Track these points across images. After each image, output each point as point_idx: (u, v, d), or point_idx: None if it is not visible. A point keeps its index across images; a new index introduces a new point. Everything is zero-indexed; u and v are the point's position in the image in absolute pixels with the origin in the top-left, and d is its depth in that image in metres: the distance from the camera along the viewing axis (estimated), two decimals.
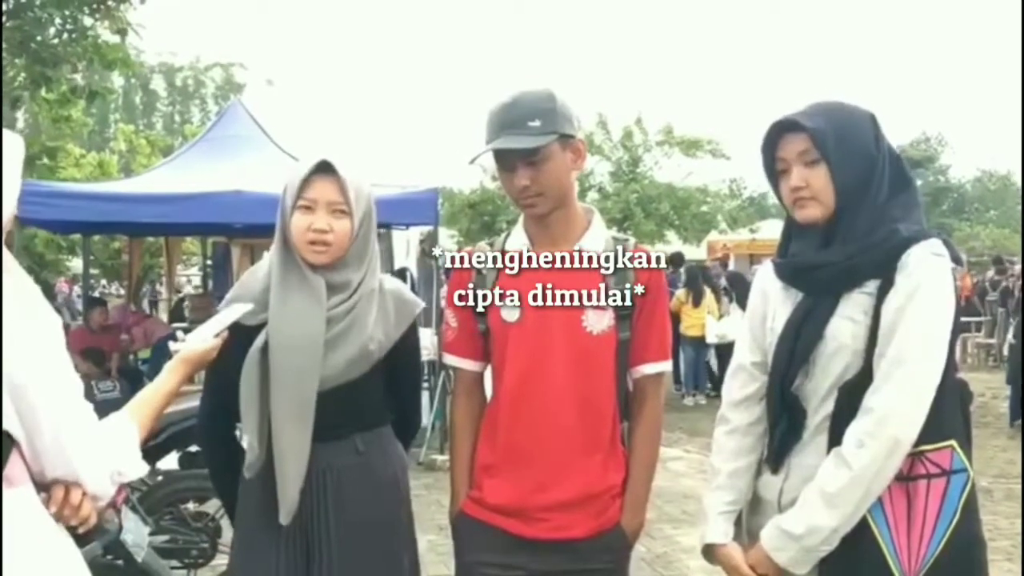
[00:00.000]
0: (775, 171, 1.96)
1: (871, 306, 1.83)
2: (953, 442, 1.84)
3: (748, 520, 2.03)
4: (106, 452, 1.65)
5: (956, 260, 1.86)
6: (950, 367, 1.83)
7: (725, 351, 10.26)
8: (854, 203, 1.86)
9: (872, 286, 1.83)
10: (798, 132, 1.88)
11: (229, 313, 2.13)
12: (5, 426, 1.49)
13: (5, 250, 1.54)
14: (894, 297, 1.80)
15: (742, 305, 9.68)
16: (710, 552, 2.02)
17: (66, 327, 1.75)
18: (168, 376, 2.01)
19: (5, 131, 1.60)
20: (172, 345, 2.09)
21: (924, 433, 1.78)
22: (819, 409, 1.89)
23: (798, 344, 1.89)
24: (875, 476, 1.77)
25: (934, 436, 1.81)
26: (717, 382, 11.13)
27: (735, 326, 10.19)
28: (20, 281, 1.55)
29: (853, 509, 1.78)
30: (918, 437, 1.78)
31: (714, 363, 11.16)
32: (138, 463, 1.76)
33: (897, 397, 1.77)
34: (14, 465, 1.53)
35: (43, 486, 1.60)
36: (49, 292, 17.51)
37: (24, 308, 1.52)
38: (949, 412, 1.84)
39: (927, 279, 1.79)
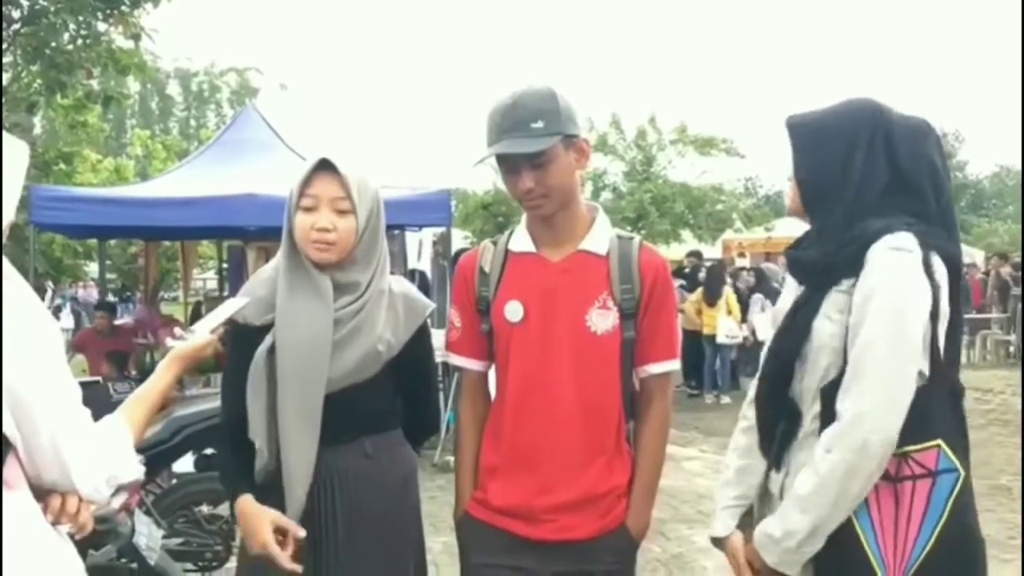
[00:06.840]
0: None
1: (847, 304, 1.80)
2: (940, 442, 1.79)
3: (758, 512, 2.03)
4: (101, 457, 1.64)
5: (948, 254, 1.81)
6: (937, 364, 1.79)
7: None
8: (819, 202, 1.91)
9: (847, 284, 1.81)
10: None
11: (225, 309, 2.12)
12: (5, 430, 1.50)
13: (5, 258, 1.54)
14: (856, 296, 1.77)
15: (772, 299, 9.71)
16: (718, 543, 2.05)
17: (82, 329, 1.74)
18: (161, 374, 2.00)
19: (9, 137, 1.60)
20: (169, 342, 2.09)
21: (909, 434, 1.74)
22: (810, 409, 1.87)
23: (783, 342, 1.90)
24: (844, 478, 1.74)
25: (919, 436, 1.77)
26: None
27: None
28: (18, 287, 1.55)
29: (828, 511, 1.76)
30: (902, 438, 1.74)
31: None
32: (133, 466, 1.73)
33: (864, 399, 1.73)
34: (12, 469, 1.53)
35: (39, 492, 1.60)
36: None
37: (22, 314, 1.52)
38: (936, 411, 1.79)
39: (883, 276, 1.75)
